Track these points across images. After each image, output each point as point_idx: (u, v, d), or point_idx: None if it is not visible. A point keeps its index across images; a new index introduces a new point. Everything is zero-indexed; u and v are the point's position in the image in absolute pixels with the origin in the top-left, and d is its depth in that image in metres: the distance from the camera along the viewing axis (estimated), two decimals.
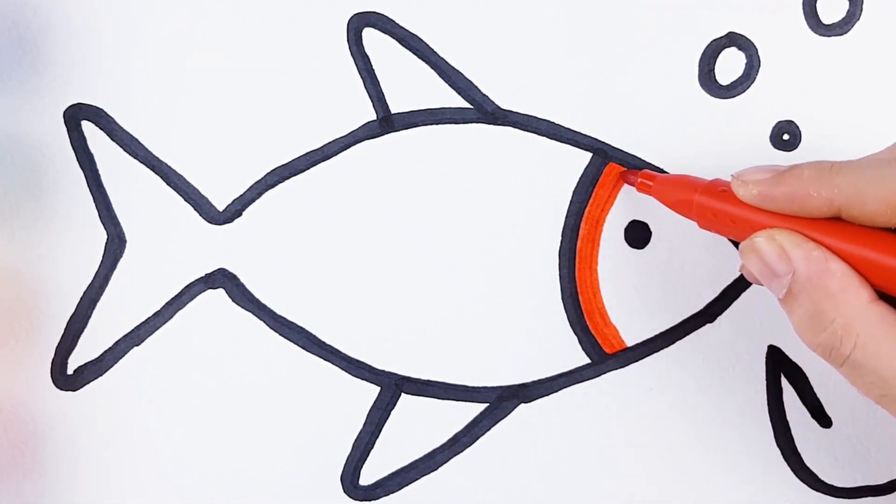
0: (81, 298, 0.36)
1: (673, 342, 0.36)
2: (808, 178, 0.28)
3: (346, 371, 0.36)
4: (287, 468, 0.36)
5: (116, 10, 0.36)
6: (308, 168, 0.36)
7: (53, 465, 0.36)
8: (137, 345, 0.36)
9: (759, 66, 0.36)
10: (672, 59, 0.36)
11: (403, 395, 0.36)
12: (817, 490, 0.36)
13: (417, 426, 0.36)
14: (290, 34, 0.36)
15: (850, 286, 0.28)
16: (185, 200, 0.36)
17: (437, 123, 0.36)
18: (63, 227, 0.36)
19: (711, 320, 0.36)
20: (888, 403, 0.27)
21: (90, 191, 0.36)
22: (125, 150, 0.36)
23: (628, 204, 0.36)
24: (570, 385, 0.36)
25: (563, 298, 0.36)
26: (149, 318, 0.36)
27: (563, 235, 0.36)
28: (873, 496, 0.36)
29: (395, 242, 0.36)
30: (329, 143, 0.36)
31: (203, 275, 0.36)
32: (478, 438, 0.36)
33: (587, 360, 0.36)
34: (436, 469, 0.36)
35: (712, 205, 0.31)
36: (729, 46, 0.36)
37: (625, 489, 0.36)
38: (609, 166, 0.36)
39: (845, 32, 0.36)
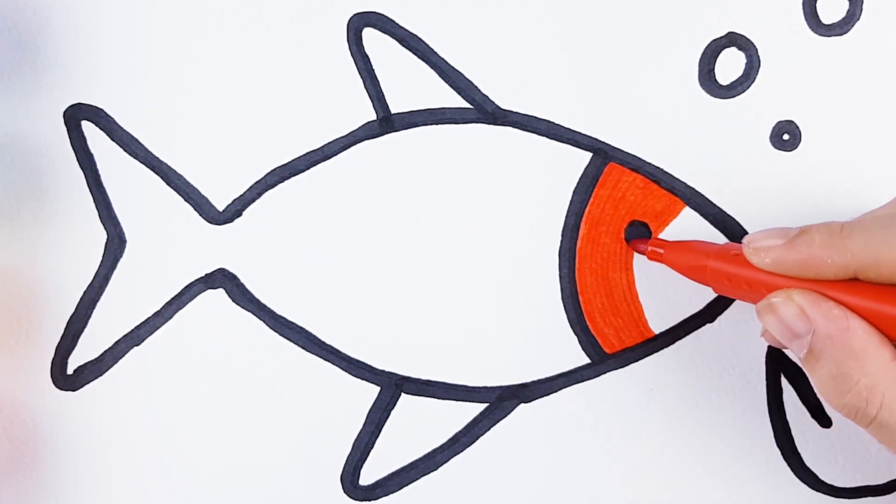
0: (81, 298, 0.36)
1: (673, 342, 0.36)
2: (819, 244, 0.28)
3: (346, 371, 0.36)
4: (287, 468, 0.36)
5: (116, 10, 0.36)
6: (308, 168, 0.36)
7: (53, 465, 0.36)
8: (137, 345, 0.36)
9: (759, 66, 0.36)
10: (672, 59, 0.36)
11: (403, 395, 0.36)
12: (817, 490, 0.36)
13: (417, 426, 0.36)
14: (290, 34, 0.36)
15: (871, 345, 0.27)
16: (185, 200, 0.36)
17: (437, 123, 0.36)
18: (63, 227, 0.36)
19: (711, 320, 0.36)
20: None
21: (90, 191, 0.36)
22: (125, 150, 0.36)
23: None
24: (570, 385, 0.36)
25: (563, 298, 0.36)
26: (149, 318, 0.36)
27: (563, 235, 0.36)
28: (873, 496, 0.36)
29: (395, 242, 0.36)
30: (329, 143, 0.36)
31: (203, 275, 0.36)
32: (478, 438, 0.36)
33: (587, 360, 0.36)
34: (436, 469, 0.36)
35: (727, 270, 0.31)
36: (729, 46, 0.36)
37: (625, 489, 0.36)
38: (609, 166, 0.36)
39: (845, 32, 0.36)
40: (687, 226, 0.36)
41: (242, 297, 0.36)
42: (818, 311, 0.28)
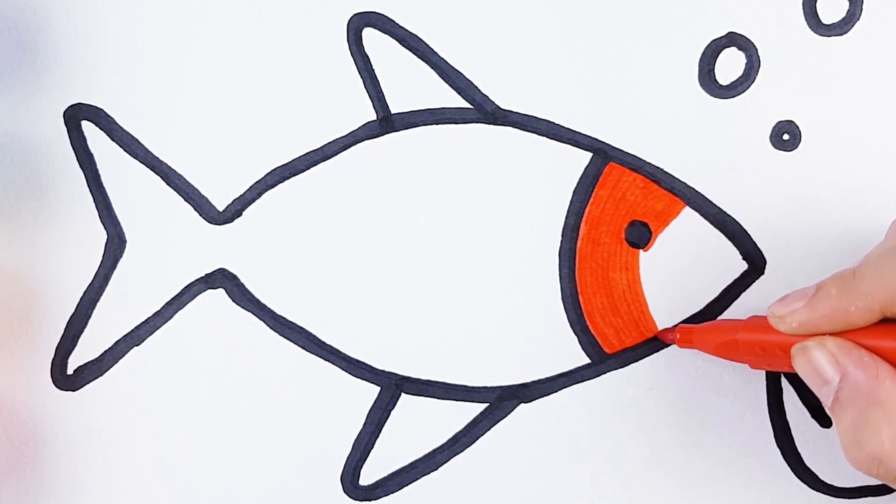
0: (81, 298, 0.36)
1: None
2: (837, 296, 0.29)
3: (346, 371, 0.36)
4: (287, 468, 0.36)
5: (116, 10, 0.36)
6: (308, 168, 0.36)
7: (53, 465, 0.36)
8: (137, 345, 0.36)
9: (759, 66, 0.36)
10: (672, 59, 0.36)
11: (403, 395, 0.36)
12: (817, 490, 0.36)
13: (417, 426, 0.36)
14: (290, 34, 0.36)
15: None
16: (185, 200, 0.36)
17: (437, 123, 0.36)
18: (63, 227, 0.36)
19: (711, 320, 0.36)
20: None
21: (90, 191, 0.36)
22: (125, 150, 0.36)
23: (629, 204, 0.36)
24: (570, 385, 0.36)
25: (563, 298, 0.36)
26: (149, 318, 0.36)
27: (563, 235, 0.36)
28: (873, 496, 0.36)
29: (395, 242, 0.36)
30: (329, 143, 0.36)
31: (203, 275, 0.36)
32: (478, 438, 0.36)
33: (587, 360, 0.36)
34: (436, 469, 0.36)
35: (759, 339, 0.31)
36: (729, 46, 0.36)
37: (624, 489, 0.36)
38: (609, 166, 0.36)
39: (845, 32, 0.36)
40: (687, 226, 0.36)
41: (242, 297, 0.36)
42: (849, 359, 0.28)
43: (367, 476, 0.36)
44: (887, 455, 0.27)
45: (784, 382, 0.36)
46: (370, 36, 0.36)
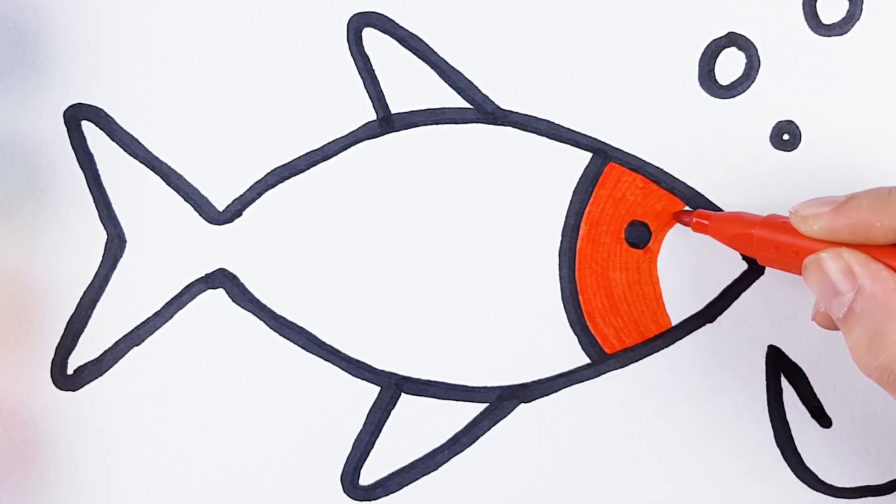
0: (81, 298, 0.36)
1: (673, 342, 0.36)
2: (867, 208, 0.28)
3: (346, 371, 0.36)
4: (287, 468, 0.36)
5: (116, 10, 0.36)
6: (308, 168, 0.36)
7: (53, 465, 0.36)
8: (137, 345, 0.36)
9: (759, 66, 0.36)
10: (672, 59, 0.36)
11: (403, 395, 0.36)
12: (817, 490, 0.36)
13: (417, 426, 0.36)
14: (290, 34, 0.36)
15: None
16: (185, 200, 0.36)
17: (437, 123, 0.36)
18: (63, 227, 0.36)
19: (711, 320, 0.36)
20: None
21: (90, 191, 0.36)
22: (125, 150, 0.36)
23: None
24: (570, 385, 0.36)
25: (563, 298, 0.36)
26: (149, 318, 0.36)
27: (563, 235, 0.36)
28: (873, 496, 0.36)
29: (395, 242, 0.36)
30: (329, 143, 0.36)
31: (203, 275, 0.36)
32: (478, 438, 0.36)
33: (587, 360, 0.36)
34: (436, 469, 0.36)
35: (773, 237, 0.31)
36: (729, 46, 0.36)
37: (625, 489, 0.36)
38: (609, 166, 0.36)
39: (845, 32, 0.36)
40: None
41: (242, 297, 0.36)
42: (866, 271, 0.28)
43: (367, 476, 0.36)
44: None
45: (784, 382, 0.36)
46: (370, 36, 0.36)
